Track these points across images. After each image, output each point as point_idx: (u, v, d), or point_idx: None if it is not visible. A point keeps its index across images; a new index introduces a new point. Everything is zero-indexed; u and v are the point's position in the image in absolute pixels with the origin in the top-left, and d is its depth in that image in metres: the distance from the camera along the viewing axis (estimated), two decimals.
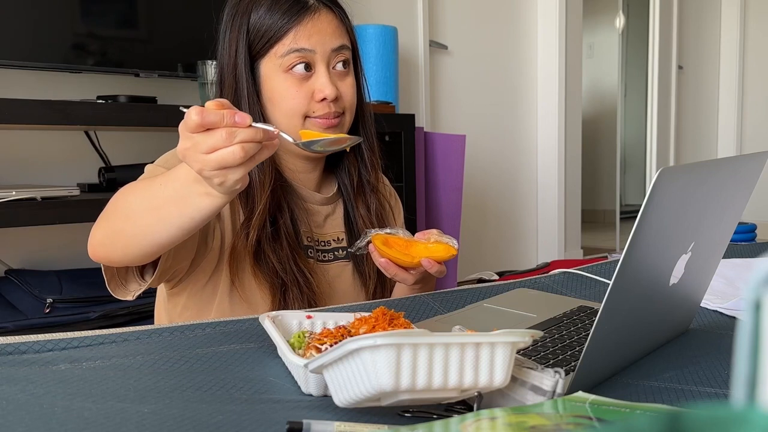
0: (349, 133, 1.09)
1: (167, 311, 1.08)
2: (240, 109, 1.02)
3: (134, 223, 0.85)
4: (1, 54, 1.91)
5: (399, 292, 1.13)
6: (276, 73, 1.03)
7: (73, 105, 1.88)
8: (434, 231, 0.99)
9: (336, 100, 1.04)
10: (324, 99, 1.03)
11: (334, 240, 1.14)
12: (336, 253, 1.13)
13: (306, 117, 1.04)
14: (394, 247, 0.97)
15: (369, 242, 0.98)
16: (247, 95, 1.04)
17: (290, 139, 0.84)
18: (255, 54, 1.04)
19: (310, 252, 1.10)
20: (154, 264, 0.95)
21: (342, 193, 1.17)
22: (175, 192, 0.81)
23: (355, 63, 1.10)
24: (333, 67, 1.05)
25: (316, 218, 1.13)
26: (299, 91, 1.03)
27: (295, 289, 1.02)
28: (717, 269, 0.86)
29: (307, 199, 1.12)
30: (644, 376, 0.71)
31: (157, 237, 0.84)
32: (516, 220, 3.90)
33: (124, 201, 0.88)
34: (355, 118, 1.11)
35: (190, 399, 0.61)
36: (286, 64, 1.02)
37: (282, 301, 1.02)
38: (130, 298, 0.98)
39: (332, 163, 1.17)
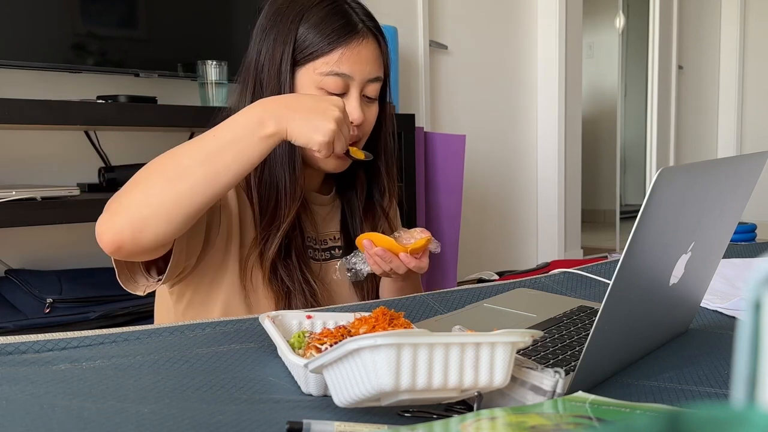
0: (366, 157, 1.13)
1: (168, 311, 1.08)
2: None
3: (186, 180, 0.87)
4: (1, 54, 1.91)
5: (386, 291, 1.15)
6: (310, 88, 1.05)
7: (73, 105, 1.88)
8: (401, 232, 1.02)
9: (359, 124, 1.07)
10: (351, 122, 1.05)
11: (330, 239, 1.16)
12: (332, 252, 1.15)
13: None
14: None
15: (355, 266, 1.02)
16: None
17: None
18: (294, 62, 1.05)
19: (309, 252, 1.12)
20: (158, 262, 0.96)
21: (339, 195, 1.18)
22: (235, 135, 0.88)
23: (384, 90, 1.12)
24: (364, 94, 1.07)
25: (315, 218, 1.15)
26: None
27: (301, 297, 1.04)
28: (717, 269, 0.86)
29: (309, 200, 1.14)
30: (644, 376, 0.71)
31: (209, 191, 0.88)
32: (516, 220, 3.90)
33: (170, 164, 0.89)
34: (376, 142, 1.13)
35: (190, 399, 0.61)
36: (323, 83, 1.04)
37: (286, 307, 1.04)
38: (140, 293, 0.98)
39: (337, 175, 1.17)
